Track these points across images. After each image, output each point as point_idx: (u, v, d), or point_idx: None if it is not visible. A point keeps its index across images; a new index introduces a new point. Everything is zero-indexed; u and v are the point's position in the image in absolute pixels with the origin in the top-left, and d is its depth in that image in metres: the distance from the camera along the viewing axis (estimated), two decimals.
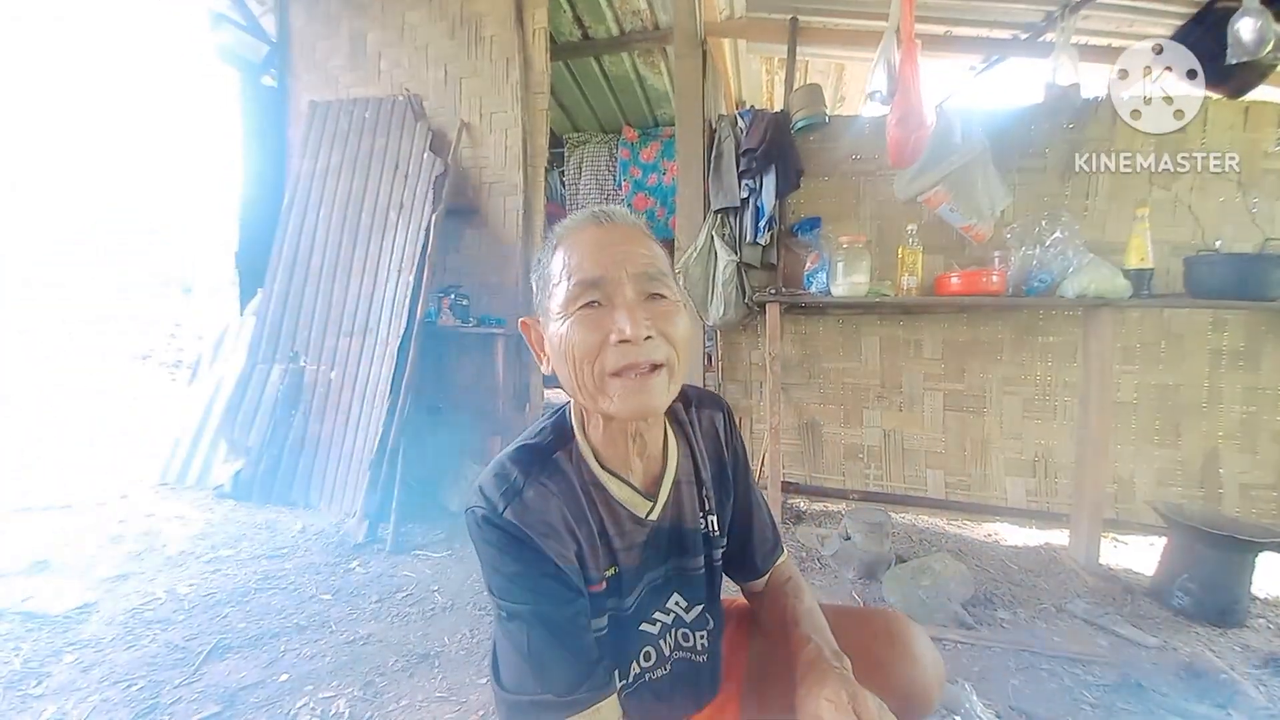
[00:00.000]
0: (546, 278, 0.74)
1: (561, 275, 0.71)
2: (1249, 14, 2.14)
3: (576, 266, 0.70)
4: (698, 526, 0.86)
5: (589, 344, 0.68)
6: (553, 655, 0.68)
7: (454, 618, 1.89)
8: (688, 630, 0.87)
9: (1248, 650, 1.79)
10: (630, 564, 0.80)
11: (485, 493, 0.73)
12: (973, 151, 2.41)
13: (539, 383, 3.13)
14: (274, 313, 3.19)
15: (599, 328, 0.68)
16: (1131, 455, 2.70)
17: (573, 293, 0.69)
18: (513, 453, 0.77)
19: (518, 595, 0.69)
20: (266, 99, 3.68)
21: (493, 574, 0.71)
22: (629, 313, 0.68)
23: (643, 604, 0.82)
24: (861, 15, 3.09)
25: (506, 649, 0.70)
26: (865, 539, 2.25)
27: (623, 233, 0.74)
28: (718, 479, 0.90)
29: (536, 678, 0.67)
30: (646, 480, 0.82)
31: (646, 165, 4.75)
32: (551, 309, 0.72)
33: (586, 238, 0.73)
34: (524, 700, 0.67)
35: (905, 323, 2.92)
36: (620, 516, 0.79)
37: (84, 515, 2.68)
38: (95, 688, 1.49)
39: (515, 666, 0.69)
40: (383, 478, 2.59)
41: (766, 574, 0.95)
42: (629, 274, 0.70)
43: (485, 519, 0.71)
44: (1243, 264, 2.20)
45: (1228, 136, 2.60)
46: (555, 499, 0.73)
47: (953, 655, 1.70)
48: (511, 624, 0.69)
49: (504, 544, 0.70)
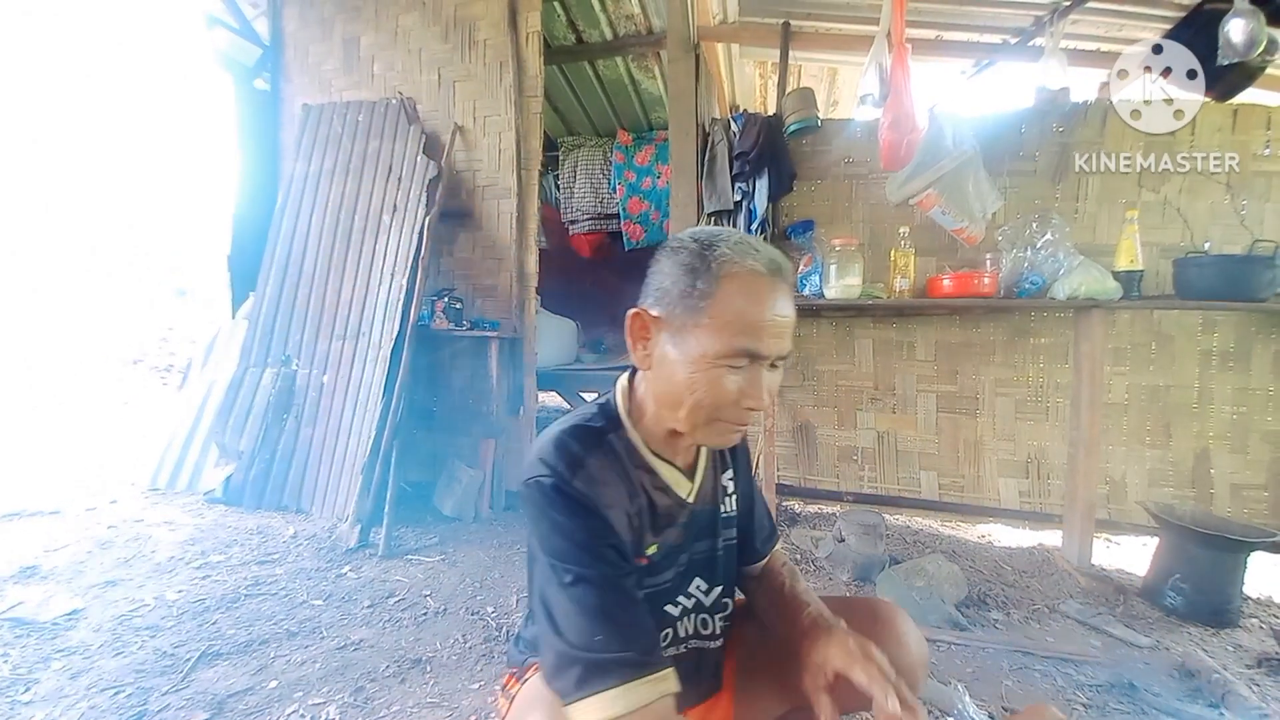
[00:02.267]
0: (693, 301, 0.73)
1: (726, 326, 0.71)
2: (1240, 15, 2.16)
3: (740, 330, 0.71)
4: (720, 509, 0.92)
5: (721, 399, 0.72)
6: (625, 616, 0.70)
7: (446, 623, 1.88)
8: (706, 616, 0.91)
9: (1240, 650, 1.80)
10: (669, 543, 0.84)
11: (550, 463, 0.74)
12: (964, 155, 2.43)
13: (533, 386, 3.12)
14: (266, 316, 3.18)
15: (733, 388, 0.72)
16: (1123, 456, 2.72)
17: (724, 350, 0.71)
18: (569, 429, 0.79)
19: (586, 560, 0.71)
20: (259, 102, 3.67)
21: (558, 540, 0.72)
22: (764, 390, 0.73)
23: (671, 585, 0.86)
24: (853, 20, 3.11)
25: (570, 610, 0.69)
26: (859, 541, 2.25)
27: (786, 299, 0.75)
28: (735, 465, 0.97)
29: (614, 636, 0.67)
30: (685, 465, 0.87)
31: (641, 169, 4.75)
32: (691, 341, 0.73)
33: (763, 296, 0.72)
34: (604, 658, 0.66)
35: (898, 325, 2.94)
36: (666, 497, 0.83)
37: (73, 521, 2.65)
38: (84, 694, 1.47)
39: (586, 626, 0.68)
40: (375, 482, 2.58)
41: (764, 559, 1.00)
42: (778, 352, 0.74)
43: (555, 487, 0.73)
44: (1231, 265, 2.22)
45: (1217, 139, 2.63)
46: (610, 474, 0.77)
47: (946, 656, 1.70)
48: (578, 587, 0.69)
49: (574, 510, 0.72)
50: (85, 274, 7.84)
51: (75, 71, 11.07)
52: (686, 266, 0.74)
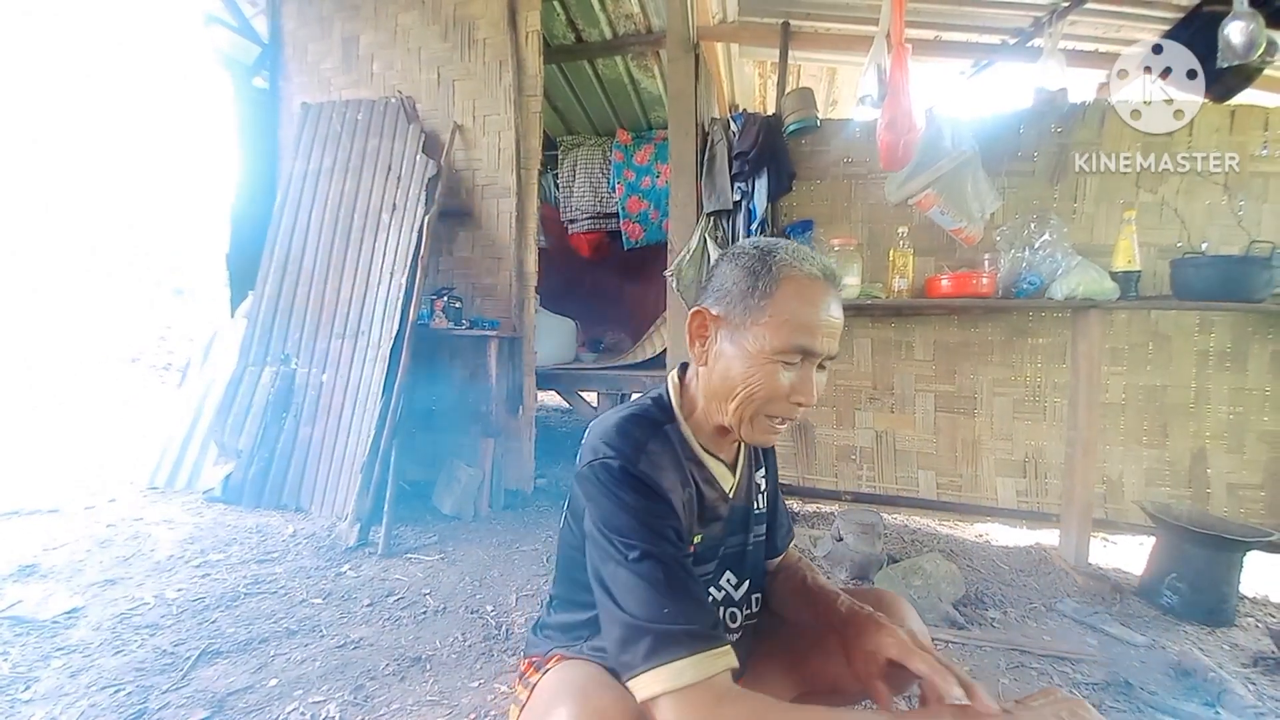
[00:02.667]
0: (753, 300, 0.78)
1: (784, 323, 0.76)
2: (1239, 17, 2.15)
3: (798, 329, 0.76)
4: (753, 506, 0.96)
5: (774, 392, 0.77)
6: (691, 591, 0.72)
7: (446, 621, 1.89)
8: (735, 609, 0.93)
9: (1236, 649, 1.81)
10: (713, 534, 0.88)
11: (616, 446, 0.78)
12: (962, 155, 2.43)
13: (532, 385, 3.12)
14: (265, 315, 3.18)
15: (785, 384, 0.77)
16: (1120, 456, 2.73)
17: (781, 346, 0.76)
18: (629, 417, 0.84)
19: (651, 538, 0.73)
20: (258, 100, 3.67)
21: (625, 518, 0.74)
22: (814, 386, 0.78)
23: (709, 578, 0.89)
24: (852, 20, 3.11)
25: (637, 585, 0.71)
26: (857, 540, 2.26)
27: (837, 300, 0.80)
28: (765, 463, 1.02)
29: (682, 609, 0.69)
30: (729, 462, 0.91)
31: (640, 168, 4.75)
32: (749, 337, 0.78)
33: (815, 297, 0.78)
34: (675, 629, 0.67)
35: (897, 324, 2.94)
36: (712, 490, 0.87)
37: (72, 519, 2.65)
38: (84, 693, 1.47)
39: (654, 600, 0.69)
40: (374, 481, 2.58)
41: (783, 554, 1.06)
42: (829, 351, 0.79)
43: (622, 468, 0.76)
44: (1228, 266, 2.22)
45: (1214, 140, 2.64)
46: (669, 461, 0.81)
47: (943, 655, 1.71)
48: (644, 563, 0.71)
49: (640, 490, 0.75)
50: (85, 273, 7.82)
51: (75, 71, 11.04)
52: (748, 270, 0.80)
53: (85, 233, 8.42)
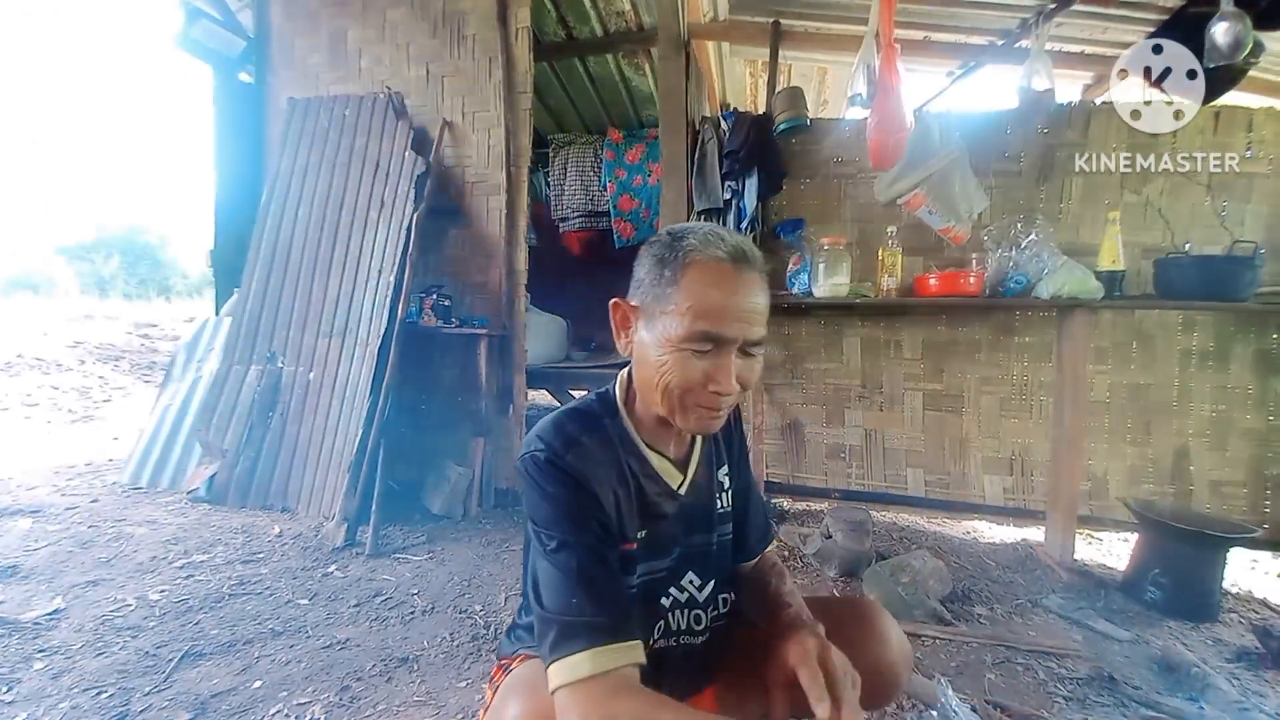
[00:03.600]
0: (663, 290, 0.76)
1: (688, 310, 0.73)
2: (1226, 18, 2.18)
3: (703, 314, 0.72)
4: (715, 504, 0.94)
5: (688, 381, 0.74)
6: (602, 584, 0.72)
7: (433, 621, 1.87)
8: (700, 611, 0.91)
9: (1220, 644, 1.84)
10: (660, 532, 0.86)
11: (546, 440, 0.78)
12: (951, 155, 2.45)
13: (522, 384, 3.11)
14: (251, 313, 3.14)
15: (700, 372, 0.74)
16: (1105, 453, 2.76)
17: (688, 333, 0.73)
18: (567, 412, 0.84)
19: (570, 529, 0.73)
20: (243, 95, 3.62)
21: (547, 508, 0.75)
22: (729, 372, 0.74)
23: (664, 578, 0.88)
24: (843, 20, 3.12)
25: (553, 576, 0.72)
26: (846, 537, 2.27)
27: (752, 285, 0.75)
28: (731, 460, 0.99)
29: (588, 601, 0.69)
30: (678, 458, 0.89)
31: (632, 166, 4.74)
32: (658, 329, 0.76)
33: (722, 281, 0.74)
34: (578, 621, 0.68)
35: (885, 323, 2.96)
36: (656, 485, 0.86)
37: (53, 520, 2.60)
38: (65, 694, 1.46)
39: (564, 591, 0.70)
40: (362, 480, 2.56)
41: (757, 557, 1.02)
42: (745, 338, 0.74)
43: (549, 460, 0.76)
44: (1211, 266, 2.25)
45: (1199, 141, 2.67)
46: (603, 456, 0.80)
47: (930, 651, 1.72)
48: (560, 554, 0.72)
49: (563, 482, 0.75)
50: (67, 268, 7.71)
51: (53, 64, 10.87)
52: (657, 257, 0.78)
53: (68, 228, 8.30)
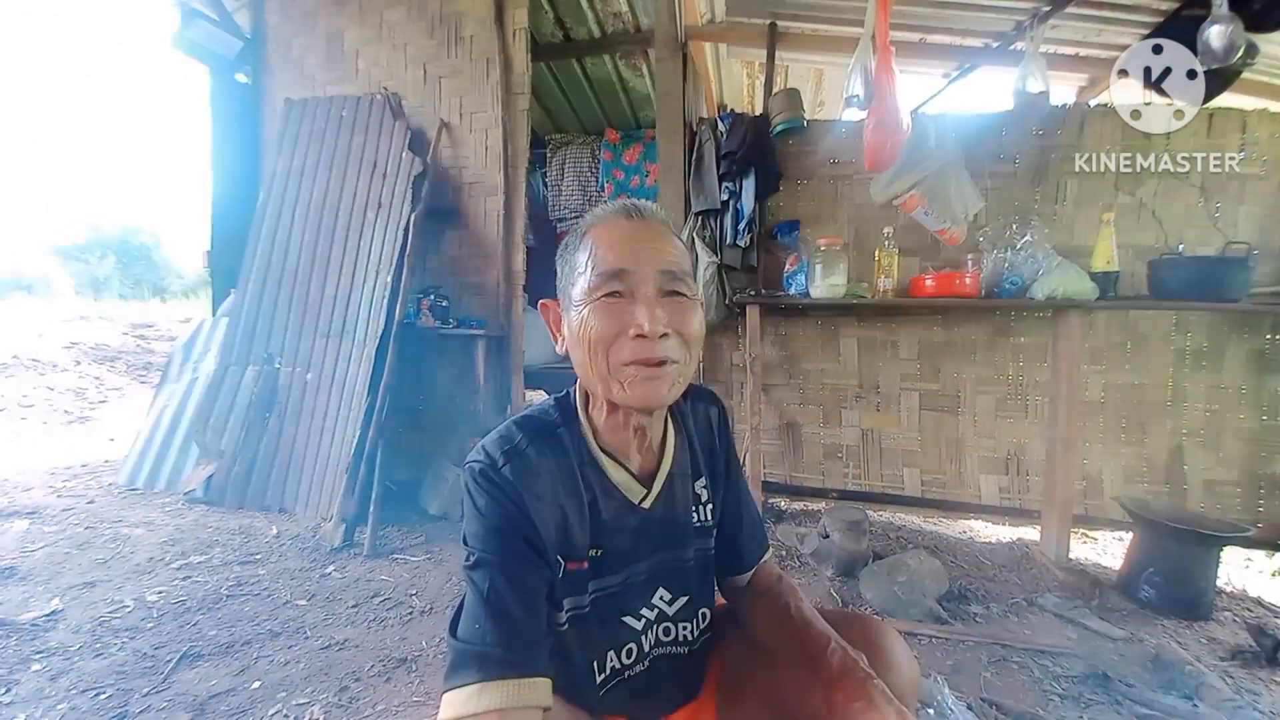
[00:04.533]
0: (572, 264, 0.76)
1: (587, 264, 0.73)
2: (1219, 21, 2.20)
3: (602, 258, 0.72)
4: (690, 519, 0.87)
5: (607, 333, 0.71)
6: (505, 609, 0.67)
7: (432, 621, 1.88)
8: (670, 624, 0.87)
9: (1214, 642, 1.85)
10: (617, 548, 0.81)
11: (487, 449, 0.75)
12: (946, 156, 2.46)
13: (520, 384, 3.11)
14: (248, 314, 3.14)
15: (618, 319, 0.71)
16: (1100, 453, 2.77)
17: (595, 282, 0.72)
18: (518, 419, 0.80)
19: (490, 545, 0.70)
20: (240, 96, 3.62)
21: (472, 522, 0.72)
22: (648, 309, 0.71)
23: (628, 595, 0.82)
24: (839, 22, 3.13)
25: (470, 598, 0.69)
26: (843, 537, 2.27)
27: (650, 229, 0.76)
28: (711, 472, 0.92)
29: (491, 627, 0.66)
30: (643, 470, 0.84)
31: (629, 167, 4.76)
32: (574, 295, 0.75)
33: (616, 230, 0.75)
34: (470, 650, 0.65)
35: (882, 324, 2.97)
36: (614, 499, 0.80)
37: (50, 521, 2.60)
38: (64, 696, 1.46)
39: (470, 615, 0.68)
40: (359, 481, 2.56)
41: (753, 569, 0.95)
42: (652, 271, 0.72)
43: (482, 471, 0.72)
44: (1205, 266, 2.27)
45: (1192, 143, 2.69)
46: (552, 467, 0.76)
47: (927, 650, 1.73)
48: (475, 571, 0.69)
49: (493, 496, 0.71)
50: (63, 269, 7.68)
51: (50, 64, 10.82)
52: (567, 244, 0.80)
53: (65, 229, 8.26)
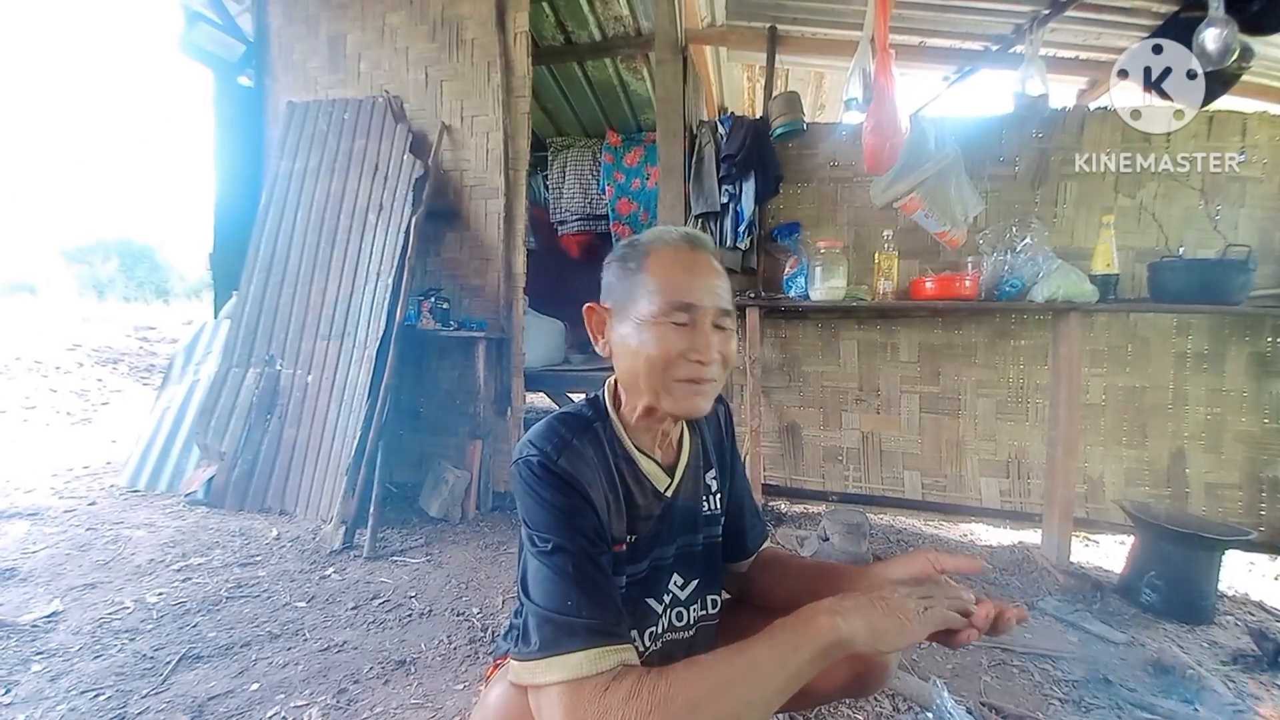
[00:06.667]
0: (635, 281, 0.84)
1: (658, 288, 0.81)
2: (1214, 24, 2.20)
3: (672, 289, 0.81)
4: (701, 507, 0.97)
5: (670, 354, 0.80)
6: (597, 588, 0.73)
7: (431, 624, 1.88)
8: (682, 609, 0.95)
9: (1215, 646, 1.84)
10: (646, 534, 0.89)
11: (538, 444, 0.81)
12: (946, 159, 2.46)
13: (520, 386, 3.11)
14: (249, 316, 3.14)
15: (679, 343, 0.80)
16: (1100, 456, 2.77)
17: (664, 309, 0.80)
18: (559, 417, 0.87)
19: (565, 532, 0.75)
20: (242, 99, 3.64)
21: (541, 512, 0.77)
22: (707, 339, 0.81)
23: (653, 579, 0.91)
24: (839, 25, 3.14)
25: (547, 576, 0.73)
26: (843, 540, 2.27)
27: (710, 265, 0.85)
28: (719, 464, 1.03)
29: (585, 603, 0.71)
30: (665, 462, 0.93)
31: (630, 170, 4.76)
32: (637, 313, 0.82)
33: (683, 260, 0.84)
34: (576, 622, 0.69)
35: (882, 326, 2.97)
36: (644, 488, 0.89)
37: (51, 522, 2.60)
38: (63, 697, 1.46)
39: (558, 591, 0.72)
40: (360, 483, 2.56)
41: (754, 555, 1.07)
42: (714, 308, 0.82)
43: (541, 464, 0.78)
44: (1205, 269, 2.27)
45: (1192, 145, 2.69)
46: (594, 459, 0.83)
47: (927, 653, 1.72)
48: (555, 556, 0.74)
49: (557, 486, 0.77)
50: (66, 271, 7.71)
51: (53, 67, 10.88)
52: (621, 258, 0.87)
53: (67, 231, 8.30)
